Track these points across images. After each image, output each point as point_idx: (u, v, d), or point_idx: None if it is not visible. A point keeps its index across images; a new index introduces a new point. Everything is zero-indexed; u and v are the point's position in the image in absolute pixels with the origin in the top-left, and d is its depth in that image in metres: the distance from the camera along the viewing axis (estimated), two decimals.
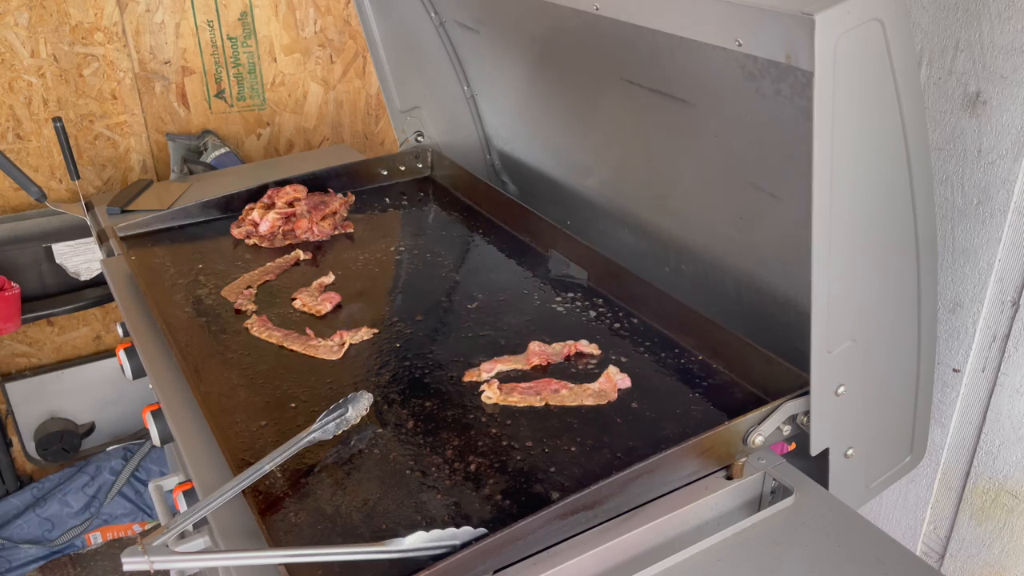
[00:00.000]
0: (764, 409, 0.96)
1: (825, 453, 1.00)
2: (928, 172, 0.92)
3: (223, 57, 2.16)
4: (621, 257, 1.28)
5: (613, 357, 1.15)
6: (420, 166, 1.70)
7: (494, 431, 1.02)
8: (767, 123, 0.99)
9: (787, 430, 0.98)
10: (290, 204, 1.51)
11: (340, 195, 1.56)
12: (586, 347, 1.16)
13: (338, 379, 1.12)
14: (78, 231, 1.92)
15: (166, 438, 1.16)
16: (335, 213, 1.52)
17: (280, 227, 1.47)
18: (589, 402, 1.06)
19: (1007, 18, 1.05)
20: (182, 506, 1.05)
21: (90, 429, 2.21)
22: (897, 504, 1.40)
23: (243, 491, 0.91)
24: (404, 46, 1.61)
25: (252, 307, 1.27)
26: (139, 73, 2.09)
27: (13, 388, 2.11)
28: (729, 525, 0.92)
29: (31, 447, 2.14)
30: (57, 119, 1.62)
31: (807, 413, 0.96)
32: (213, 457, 1.01)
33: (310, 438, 0.97)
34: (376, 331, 1.21)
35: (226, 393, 1.09)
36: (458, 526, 0.85)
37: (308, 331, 1.20)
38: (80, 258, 1.92)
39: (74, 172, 1.67)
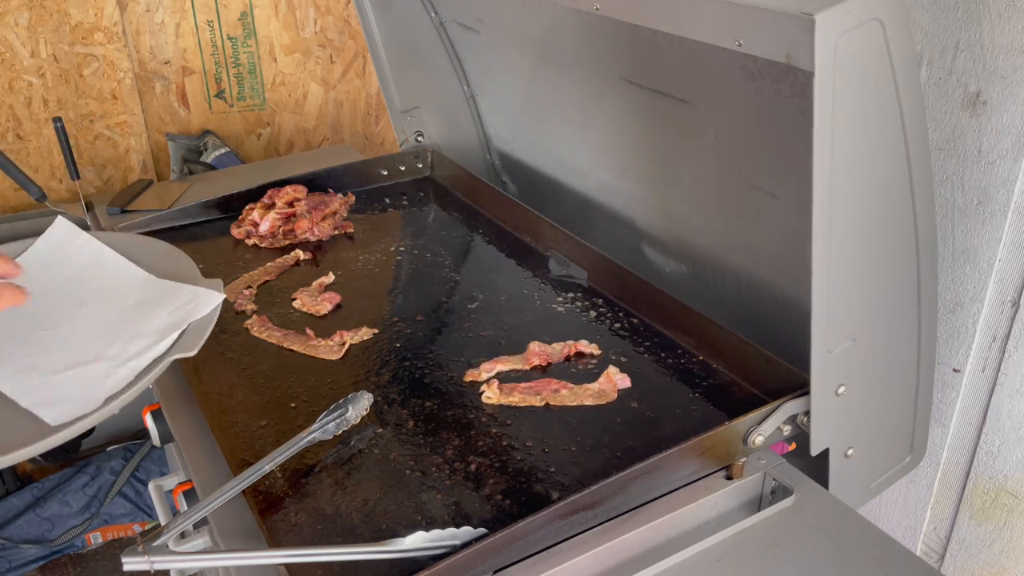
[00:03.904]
0: (764, 409, 0.96)
1: (825, 453, 1.00)
2: (928, 172, 0.92)
3: (223, 57, 2.17)
4: (621, 257, 1.28)
5: (613, 357, 1.15)
6: (420, 166, 1.70)
7: (494, 431, 1.02)
8: (767, 123, 0.99)
9: (787, 430, 0.98)
10: (290, 204, 1.51)
11: (340, 195, 1.56)
12: (586, 347, 1.16)
13: (338, 379, 1.12)
14: None
15: (166, 438, 1.16)
16: (335, 213, 1.52)
17: (280, 227, 1.47)
18: (589, 402, 1.06)
19: (1007, 18, 1.05)
20: (182, 506, 1.05)
21: (90, 429, 2.20)
22: (897, 504, 1.40)
23: (243, 491, 0.91)
24: (404, 46, 1.61)
25: (252, 307, 1.27)
26: (139, 73, 2.09)
27: None
28: (729, 525, 0.92)
29: None
30: (57, 119, 1.62)
31: (807, 413, 0.96)
32: (213, 457, 1.01)
33: (310, 438, 0.97)
34: (376, 331, 1.21)
35: (226, 393, 1.09)
36: (458, 526, 0.85)
37: (308, 331, 1.20)
38: None
39: (74, 172, 1.67)
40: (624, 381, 1.09)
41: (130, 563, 0.82)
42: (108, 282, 1.11)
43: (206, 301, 1.05)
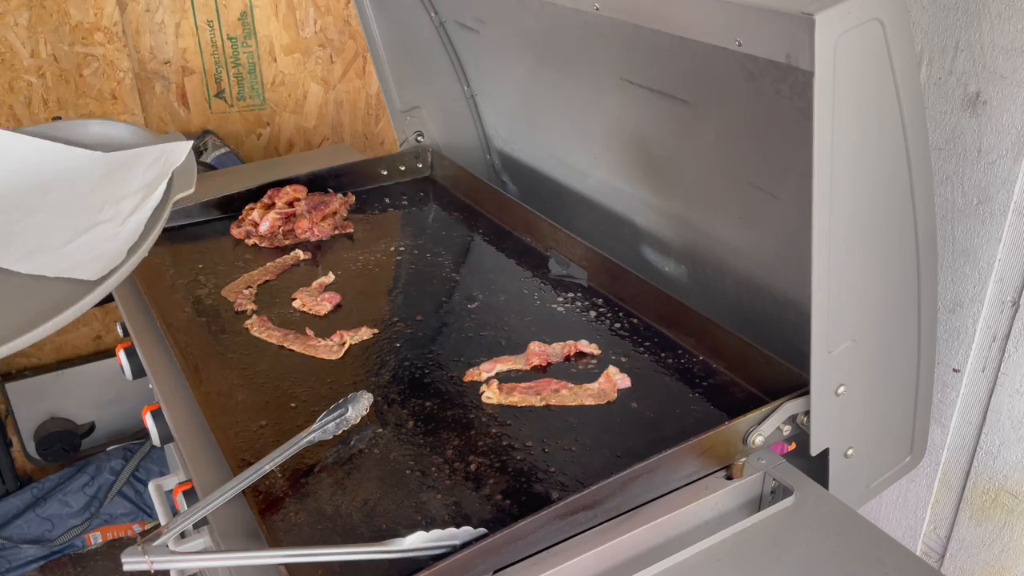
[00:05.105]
0: (764, 409, 0.96)
1: (825, 453, 1.00)
2: (928, 172, 0.92)
3: (223, 57, 2.17)
4: (621, 257, 1.28)
5: (613, 357, 1.15)
6: (420, 166, 1.70)
7: (494, 431, 1.02)
8: (767, 123, 0.99)
9: (787, 430, 0.98)
10: (290, 204, 1.51)
11: (340, 195, 1.56)
12: (586, 347, 1.16)
13: (338, 379, 1.12)
14: None
15: (166, 438, 1.16)
16: (335, 213, 1.52)
17: (280, 227, 1.47)
18: (589, 402, 1.06)
19: (1007, 18, 1.05)
20: (182, 506, 1.05)
21: (90, 429, 2.21)
22: (897, 504, 1.40)
23: (243, 491, 0.91)
24: (404, 46, 1.61)
25: (252, 307, 1.27)
26: (139, 73, 2.09)
27: (13, 388, 2.11)
28: (729, 525, 0.92)
29: (31, 447, 2.14)
30: (57, 119, 1.62)
31: (807, 413, 0.96)
32: (213, 457, 1.01)
33: (310, 438, 0.97)
34: (376, 331, 1.21)
35: (226, 393, 1.09)
36: (458, 526, 0.85)
37: (308, 331, 1.20)
38: None
39: None
40: (624, 381, 1.09)
41: (130, 563, 0.82)
42: (59, 167, 1.09)
43: (176, 151, 1.05)
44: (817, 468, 1.01)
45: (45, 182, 1.08)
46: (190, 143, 1.07)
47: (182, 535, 0.93)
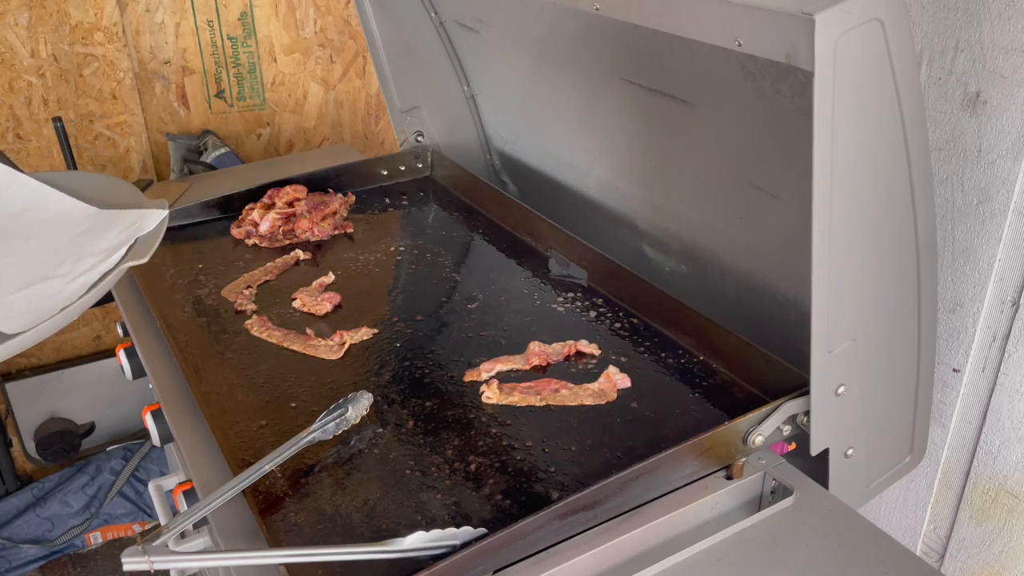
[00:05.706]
0: (764, 409, 0.96)
1: (825, 453, 1.00)
2: (928, 172, 0.92)
3: (223, 57, 2.17)
4: (621, 257, 1.28)
5: (613, 357, 1.15)
6: (420, 166, 1.70)
7: (494, 431, 1.02)
8: (767, 123, 0.99)
9: (787, 430, 0.98)
10: (290, 204, 1.51)
11: (340, 195, 1.56)
12: (586, 347, 1.16)
13: (338, 379, 1.12)
14: None
15: (166, 438, 1.16)
16: (335, 213, 1.52)
17: (280, 227, 1.47)
18: (589, 402, 1.06)
19: (1007, 18, 1.05)
20: (182, 506, 1.05)
21: (90, 429, 2.21)
22: (897, 504, 1.40)
23: (243, 491, 0.91)
24: (404, 46, 1.61)
25: (252, 307, 1.27)
26: (139, 73, 2.09)
27: (13, 388, 2.11)
28: (729, 525, 0.92)
29: (31, 447, 2.14)
30: (57, 119, 1.62)
31: (807, 413, 0.96)
32: (213, 457, 1.01)
33: (310, 438, 0.97)
34: (376, 331, 1.21)
35: (226, 393, 1.10)
36: (458, 526, 0.85)
37: (308, 331, 1.20)
38: None
39: None
40: (624, 381, 1.09)
41: (130, 563, 0.82)
42: (52, 216, 1.15)
43: (151, 217, 1.10)
44: (817, 468, 1.01)
45: (33, 227, 1.14)
46: (166, 212, 1.12)
47: (182, 535, 0.93)
